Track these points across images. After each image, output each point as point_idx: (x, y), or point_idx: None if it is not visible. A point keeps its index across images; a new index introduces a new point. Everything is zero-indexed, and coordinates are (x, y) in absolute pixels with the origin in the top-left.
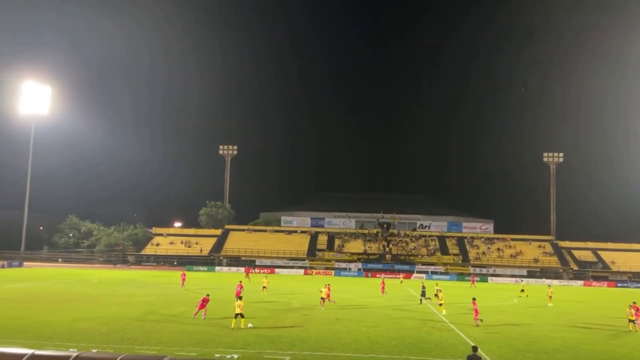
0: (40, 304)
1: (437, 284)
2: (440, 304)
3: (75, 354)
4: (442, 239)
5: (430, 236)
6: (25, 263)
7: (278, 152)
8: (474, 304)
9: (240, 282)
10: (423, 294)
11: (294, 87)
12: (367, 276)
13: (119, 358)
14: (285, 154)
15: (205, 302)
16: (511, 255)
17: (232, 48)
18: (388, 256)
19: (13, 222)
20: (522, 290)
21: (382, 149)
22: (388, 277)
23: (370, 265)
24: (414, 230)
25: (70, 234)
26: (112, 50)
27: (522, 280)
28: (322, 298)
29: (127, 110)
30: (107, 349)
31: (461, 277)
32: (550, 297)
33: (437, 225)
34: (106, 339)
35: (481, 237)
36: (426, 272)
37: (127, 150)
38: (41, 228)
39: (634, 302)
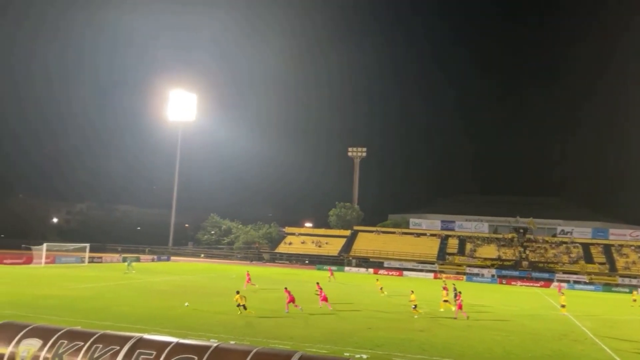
0: (186, 296)
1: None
2: (414, 306)
3: (215, 344)
4: (586, 246)
5: (572, 243)
6: (172, 257)
7: (407, 154)
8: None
9: (318, 283)
10: (455, 295)
11: (424, 90)
12: (501, 283)
13: (255, 350)
14: (415, 156)
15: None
16: None
17: (362, 50)
18: (525, 263)
19: (163, 219)
20: (634, 300)
21: (519, 148)
22: (525, 285)
23: (505, 272)
24: (554, 236)
25: (212, 232)
26: (251, 57)
27: (637, 291)
28: (415, 306)
29: (264, 115)
30: (244, 341)
31: (607, 287)
32: (635, 300)
33: (580, 232)
34: (242, 331)
35: (631, 245)
36: (567, 282)
37: (263, 153)
38: (187, 225)
39: None
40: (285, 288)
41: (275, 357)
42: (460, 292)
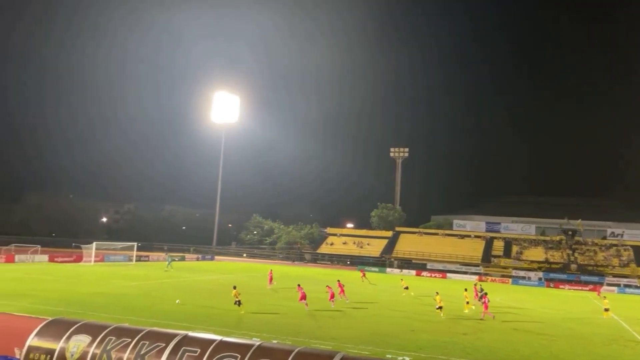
0: (229, 295)
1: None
2: (439, 307)
3: (258, 343)
4: (637, 249)
5: (623, 245)
6: (216, 257)
7: (451, 154)
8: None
9: (339, 280)
10: (481, 296)
11: (468, 88)
12: (549, 286)
13: (297, 350)
14: (459, 156)
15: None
16: None
17: (404, 49)
18: (573, 266)
19: (207, 219)
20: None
21: (567, 148)
22: (573, 289)
23: (552, 275)
24: (604, 238)
25: (255, 232)
26: (293, 59)
27: None
28: (440, 307)
29: (305, 116)
30: (286, 341)
31: None
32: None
33: (631, 234)
34: (284, 330)
35: None
36: (618, 285)
37: (305, 153)
38: (230, 225)
39: None
40: (299, 285)
41: (317, 357)
42: (486, 293)
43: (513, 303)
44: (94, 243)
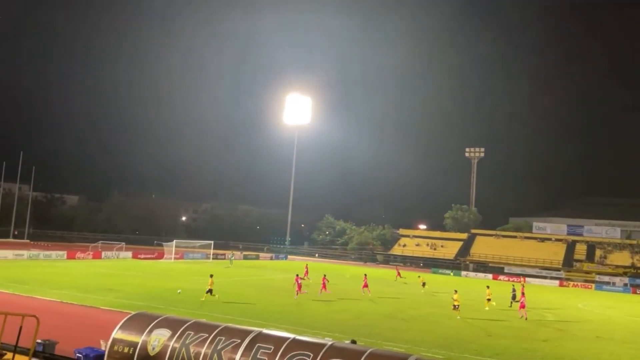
0: (302, 294)
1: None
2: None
3: (330, 343)
4: None
5: None
6: (289, 256)
7: (529, 153)
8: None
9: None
10: (514, 297)
11: (547, 84)
12: (635, 292)
13: (369, 351)
14: (538, 155)
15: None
16: None
17: (478, 47)
18: None
19: (280, 219)
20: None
21: None
22: None
23: (639, 281)
24: None
25: (327, 232)
26: (365, 60)
27: None
28: (457, 306)
29: (378, 116)
30: (359, 342)
31: None
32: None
33: None
34: (357, 331)
35: None
36: None
37: (376, 154)
38: (302, 225)
39: None
40: (297, 275)
41: (389, 358)
42: (523, 293)
43: (596, 309)
44: (174, 241)
